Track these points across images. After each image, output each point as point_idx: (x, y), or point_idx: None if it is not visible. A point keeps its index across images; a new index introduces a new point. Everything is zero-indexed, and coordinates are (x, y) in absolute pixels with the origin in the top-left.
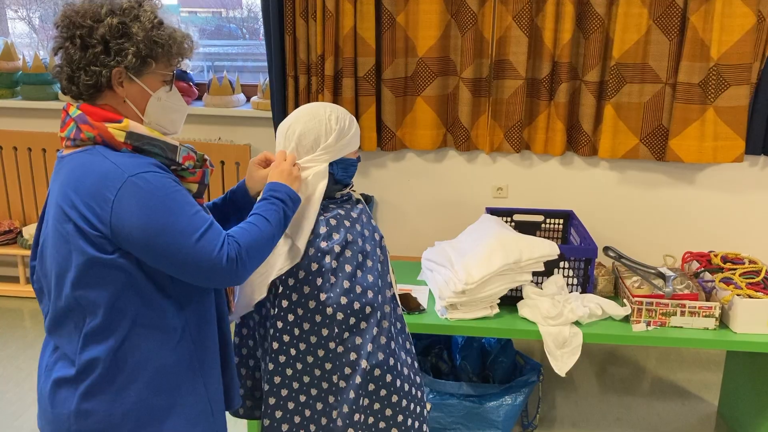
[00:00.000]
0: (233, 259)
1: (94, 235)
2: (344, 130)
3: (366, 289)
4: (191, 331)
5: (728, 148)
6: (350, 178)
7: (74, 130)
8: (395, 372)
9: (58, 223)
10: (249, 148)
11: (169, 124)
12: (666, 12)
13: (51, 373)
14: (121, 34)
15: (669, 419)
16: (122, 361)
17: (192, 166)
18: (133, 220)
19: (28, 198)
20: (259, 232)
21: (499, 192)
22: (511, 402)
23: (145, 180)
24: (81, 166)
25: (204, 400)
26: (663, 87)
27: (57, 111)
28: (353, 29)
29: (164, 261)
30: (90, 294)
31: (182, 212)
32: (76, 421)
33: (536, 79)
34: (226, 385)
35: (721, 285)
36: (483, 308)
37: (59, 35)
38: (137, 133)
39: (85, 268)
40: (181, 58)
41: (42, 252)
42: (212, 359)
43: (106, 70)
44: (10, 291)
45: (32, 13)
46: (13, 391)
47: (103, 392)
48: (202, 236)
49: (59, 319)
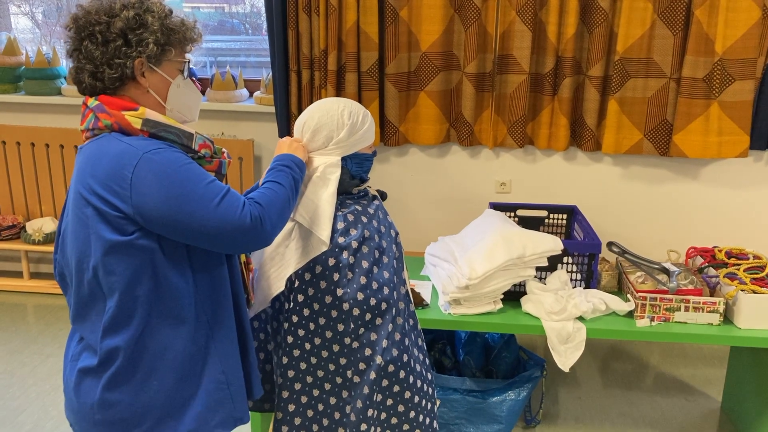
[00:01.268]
0: (257, 217)
1: (115, 216)
2: (357, 126)
3: (382, 285)
4: (210, 318)
5: (733, 144)
6: (366, 173)
7: (92, 120)
8: (409, 368)
9: (77, 209)
10: (252, 143)
11: (188, 111)
12: (670, 6)
13: (76, 364)
14: (139, 25)
15: (672, 415)
16: (143, 350)
17: (208, 155)
18: (153, 193)
19: (31, 193)
20: (275, 193)
21: (503, 187)
22: (515, 397)
23: (160, 155)
24: (97, 150)
25: (224, 387)
26: (667, 82)
27: (60, 106)
28: (356, 24)
29: (188, 231)
30: (110, 280)
31: (199, 181)
32: (99, 411)
33: (540, 73)
34: (247, 372)
35: (725, 280)
36: (486, 303)
37: (74, 37)
38: (153, 120)
39: (103, 253)
40: (193, 44)
41: (63, 241)
42: (230, 346)
43: (129, 61)
44: (14, 286)
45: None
46: (17, 385)
47: (126, 382)
48: (222, 200)
49: (82, 308)
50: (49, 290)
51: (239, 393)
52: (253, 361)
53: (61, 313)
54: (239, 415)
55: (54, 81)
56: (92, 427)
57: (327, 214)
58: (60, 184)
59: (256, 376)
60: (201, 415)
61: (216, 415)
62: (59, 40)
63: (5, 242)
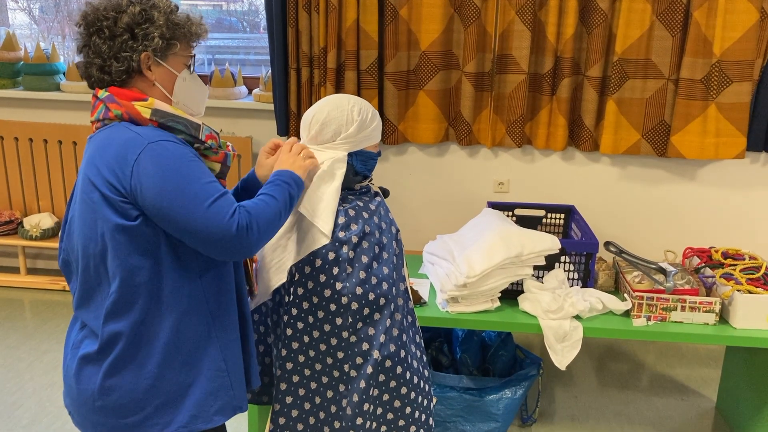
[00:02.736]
0: (243, 227)
1: (118, 201)
2: (365, 122)
3: (381, 280)
4: (210, 306)
5: (730, 145)
6: (369, 171)
7: (103, 111)
8: (406, 364)
9: (84, 194)
10: (251, 140)
11: (194, 104)
12: (669, 8)
13: (77, 351)
14: (145, 20)
15: (668, 414)
16: (144, 336)
17: (214, 146)
18: (149, 182)
19: (29, 188)
20: (267, 206)
21: (501, 186)
22: (511, 395)
23: (164, 147)
24: (106, 138)
25: (224, 374)
26: (665, 83)
27: (58, 102)
28: (356, 22)
29: (175, 225)
30: (114, 263)
31: (197, 179)
32: (100, 397)
33: (539, 73)
34: (246, 362)
35: (721, 280)
36: (484, 302)
37: (84, 33)
38: (162, 110)
39: (110, 237)
40: (199, 39)
41: (70, 227)
42: (232, 335)
43: (136, 54)
44: (11, 282)
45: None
46: (14, 381)
47: (126, 368)
48: (214, 202)
49: (86, 292)
50: (46, 286)
51: (239, 381)
52: (253, 351)
53: (58, 308)
54: (238, 404)
55: (53, 76)
56: (92, 413)
57: (330, 208)
58: (58, 179)
59: (255, 367)
60: (200, 402)
61: (215, 402)
62: (57, 36)
63: (2, 238)
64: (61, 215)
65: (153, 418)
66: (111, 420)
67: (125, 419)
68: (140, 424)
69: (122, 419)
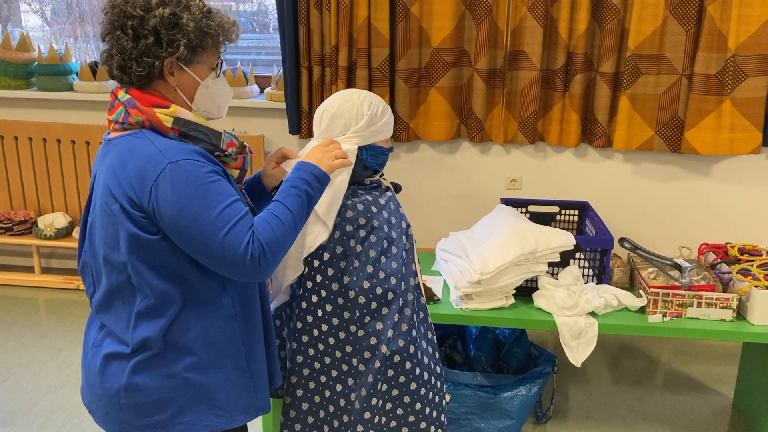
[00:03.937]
0: (257, 258)
1: (138, 216)
2: (376, 117)
3: (389, 275)
4: (237, 311)
5: (745, 140)
6: (380, 166)
7: (123, 114)
8: (415, 360)
9: (105, 203)
10: (263, 139)
11: (215, 109)
12: (683, 2)
13: (100, 350)
14: (173, 25)
15: (683, 412)
16: (173, 340)
17: (234, 153)
18: (167, 205)
19: (42, 188)
20: (282, 225)
21: (513, 183)
22: (526, 393)
23: (184, 168)
24: (128, 149)
25: (247, 378)
26: (679, 78)
27: (72, 102)
28: (367, 20)
29: (192, 250)
30: (140, 273)
31: (214, 205)
32: (126, 395)
33: (551, 70)
34: (269, 362)
35: (738, 276)
36: (498, 298)
37: (108, 21)
38: (184, 119)
39: (132, 246)
40: (228, 43)
41: (91, 232)
42: (257, 338)
43: (159, 61)
44: (26, 281)
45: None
46: (29, 379)
47: (154, 367)
48: (230, 232)
49: (108, 298)
50: (60, 285)
51: (262, 383)
52: (275, 351)
53: (72, 307)
54: (261, 405)
55: (66, 77)
56: (117, 411)
57: (336, 201)
58: (71, 179)
59: (277, 365)
60: (224, 403)
61: (239, 403)
62: (69, 38)
63: (17, 237)
64: (75, 215)
65: (177, 417)
66: (135, 418)
67: (150, 418)
68: (164, 423)
69: (147, 417)
